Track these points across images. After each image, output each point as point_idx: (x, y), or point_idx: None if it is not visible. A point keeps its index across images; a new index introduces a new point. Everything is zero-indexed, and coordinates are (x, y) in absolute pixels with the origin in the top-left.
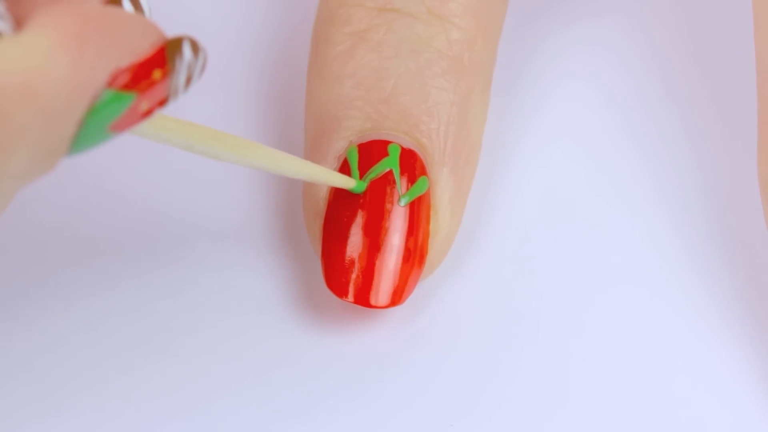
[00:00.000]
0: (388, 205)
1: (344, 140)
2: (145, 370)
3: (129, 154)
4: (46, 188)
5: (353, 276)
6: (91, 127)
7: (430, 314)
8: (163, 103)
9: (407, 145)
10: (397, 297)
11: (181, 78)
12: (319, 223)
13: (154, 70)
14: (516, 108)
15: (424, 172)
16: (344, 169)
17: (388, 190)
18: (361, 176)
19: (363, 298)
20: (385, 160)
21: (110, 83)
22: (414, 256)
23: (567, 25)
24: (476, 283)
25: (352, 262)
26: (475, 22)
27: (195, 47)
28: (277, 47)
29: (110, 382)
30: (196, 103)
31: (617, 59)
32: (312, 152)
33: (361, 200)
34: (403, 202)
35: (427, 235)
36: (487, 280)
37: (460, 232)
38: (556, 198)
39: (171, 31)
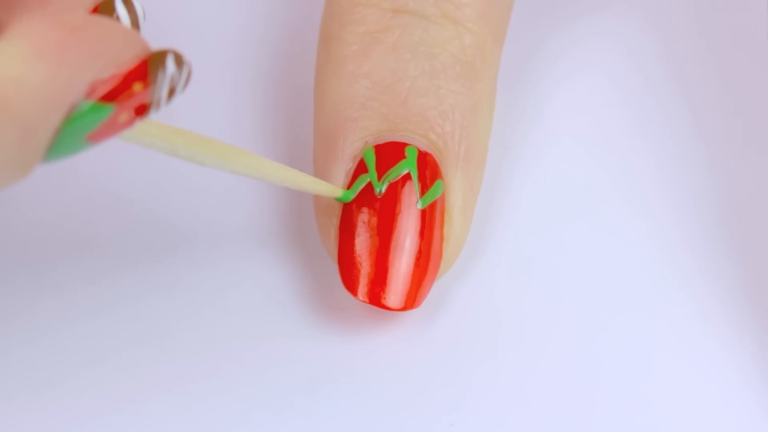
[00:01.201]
0: (406, 208)
1: (360, 141)
2: (146, 370)
3: (130, 154)
4: (47, 189)
5: (369, 276)
6: (68, 137)
7: (433, 314)
8: (143, 114)
9: (423, 147)
10: (411, 300)
11: (163, 91)
12: (335, 222)
13: (134, 83)
14: (521, 106)
15: (439, 175)
16: (360, 169)
17: (407, 193)
18: (379, 177)
19: (377, 299)
20: (402, 162)
21: (89, 94)
22: (429, 259)
23: (571, 21)
24: (481, 284)
25: (369, 262)
26: (487, 27)
27: (179, 60)
28: (280, 46)
29: (111, 381)
30: (198, 102)
31: (625, 56)
32: (325, 151)
33: (380, 201)
34: (421, 205)
35: (442, 238)
36: (492, 281)
37: None
38: (562, 198)
39: (171, 31)
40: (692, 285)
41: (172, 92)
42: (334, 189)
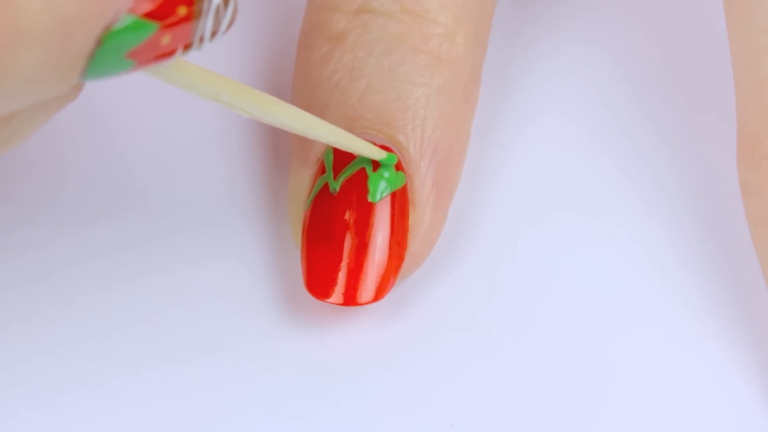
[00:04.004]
0: (362, 203)
1: (323, 143)
2: (142, 370)
3: (129, 153)
4: (44, 188)
5: (328, 277)
6: (109, 49)
7: (431, 313)
8: (186, 46)
9: (381, 142)
10: (380, 292)
11: (208, 23)
12: (299, 228)
13: (179, 6)
14: (513, 107)
15: (401, 167)
16: (321, 171)
17: (361, 189)
18: (335, 177)
19: (326, 296)
20: (358, 158)
21: (132, 9)
22: (392, 251)
23: (567, 23)
24: (476, 282)
25: (328, 263)
26: (453, 16)
27: None
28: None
29: (108, 381)
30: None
31: (616, 59)
32: (295, 156)
33: (336, 201)
34: (371, 197)
35: (405, 229)
36: (485, 279)
37: (454, 231)
38: (551, 198)
39: None
40: (678, 283)
41: (215, 31)
42: (378, 151)
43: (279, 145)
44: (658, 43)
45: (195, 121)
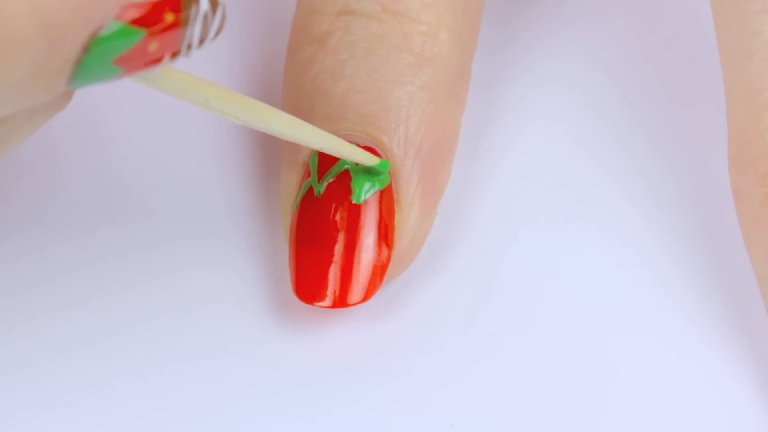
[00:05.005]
0: (347, 205)
1: (308, 147)
2: (140, 374)
3: (122, 158)
4: (44, 188)
5: (316, 281)
6: (96, 56)
7: (430, 313)
8: (174, 53)
9: (364, 143)
10: (368, 293)
11: (196, 29)
12: (287, 231)
13: (166, 12)
14: (507, 109)
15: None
16: (308, 175)
17: (345, 191)
18: (319, 180)
19: (314, 300)
20: (341, 160)
21: (119, 16)
22: (378, 251)
23: (560, 27)
24: (474, 282)
25: (315, 266)
26: (435, 14)
27: (213, 1)
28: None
29: (107, 385)
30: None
31: (609, 62)
32: (285, 160)
33: (320, 203)
34: (355, 199)
35: (391, 229)
36: (482, 279)
37: (451, 232)
38: (545, 199)
39: None
40: (668, 283)
41: (203, 38)
42: (370, 157)
43: (272, 149)
44: (650, 47)
45: (189, 126)
